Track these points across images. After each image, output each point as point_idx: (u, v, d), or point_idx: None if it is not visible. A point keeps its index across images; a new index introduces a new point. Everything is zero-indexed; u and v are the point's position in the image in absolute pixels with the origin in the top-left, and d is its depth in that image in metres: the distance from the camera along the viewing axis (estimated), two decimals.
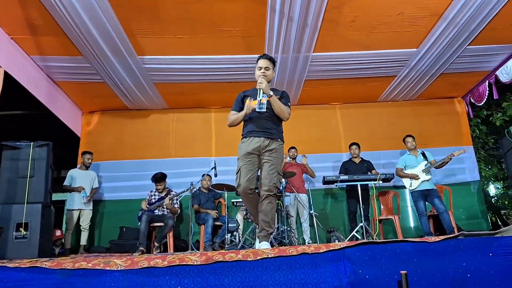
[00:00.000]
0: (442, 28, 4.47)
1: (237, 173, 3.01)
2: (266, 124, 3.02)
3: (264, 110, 2.94)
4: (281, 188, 5.53)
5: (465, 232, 2.45)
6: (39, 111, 5.79)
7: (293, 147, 6.01)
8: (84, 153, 5.85)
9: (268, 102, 2.98)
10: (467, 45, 4.90)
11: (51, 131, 5.89)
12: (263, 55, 3.10)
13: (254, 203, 3.03)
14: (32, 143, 3.96)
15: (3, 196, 3.76)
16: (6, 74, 4.22)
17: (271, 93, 2.97)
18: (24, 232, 3.62)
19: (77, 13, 3.89)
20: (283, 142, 3.15)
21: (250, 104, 3.00)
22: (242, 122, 3.18)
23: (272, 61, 3.10)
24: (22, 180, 3.84)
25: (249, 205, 3.07)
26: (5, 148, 3.91)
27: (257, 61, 3.10)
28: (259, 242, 2.92)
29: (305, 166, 5.86)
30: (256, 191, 3.06)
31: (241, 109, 3.13)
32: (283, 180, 5.31)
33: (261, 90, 2.93)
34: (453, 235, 2.39)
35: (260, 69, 3.03)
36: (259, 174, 3.11)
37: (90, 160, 5.79)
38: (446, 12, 4.20)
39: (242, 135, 3.14)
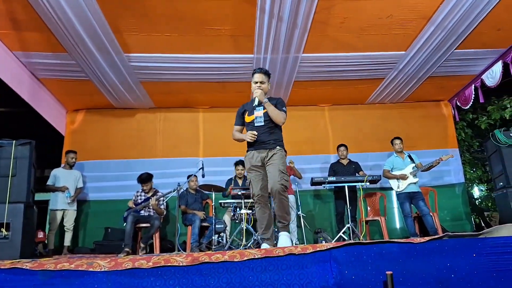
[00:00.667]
0: (430, 31, 4.53)
1: (249, 185, 3.34)
2: (264, 138, 3.26)
3: (262, 123, 3.26)
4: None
5: (450, 233, 2.48)
6: (22, 109, 5.65)
7: None
8: (68, 152, 5.74)
9: (265, 114, 3.26)
10: (454, 49, 4.97)
11: (34, 129, 5.77)
12: (258, 69, 3.37)
13: (267, 213, 3.29)
14: (14, 141, 3.85)
15: None
16: None
17: (265, 99, 3.24)
18: (6, 233, 3.52)
19: (62, 8, 3.80)
20: (283, 148, 3.36)
21: (250, 132, 3.26)
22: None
23: (267, 74, 3.38)
24: (4, 179, 3.73)
25: (262, 215, 3.29)
26: None
27: (252, 75, 3.37)
28: (279, 233, 3.29)
29: (291, 168, 5.87)
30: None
31: (242, 123, 3.46)
32: None
33: (257, 100, 3.26)
34: (438, 236, 2.41)
35: (256, 83, 3.32)
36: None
37: (74, 160, 5.68)
38: (434, 15, 4.25)
39: (247, 147, 3.41)
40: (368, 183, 4.99)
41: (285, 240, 3.19)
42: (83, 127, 6.42)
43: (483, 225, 9.71)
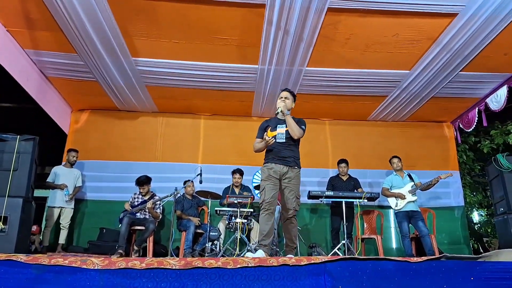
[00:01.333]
0: (436, 52, 4.56)
1: (261, 191, 3.46)
2: (285, 154, 3.46)
3: (283, 140, 3.47)
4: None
5: (448, 254, 2.46)
6: (28, 105, 5.71)
7: None
8: (69, 150, 5.78)
9: (287, 132, 3.48)
10: (459, 71, 4.99)
11: (39, 126, 5.81)
12: (286, 88, 3.73)
13: (269, 220, 3.38)
14: (18, 136, 3.89)
15: None
16: None
17: (288, 112, 3.51)
18: (3, 226, 3.53)
19: (75, 10, 3.87)
20: (300, 168, 3.57)
21: (266, 135, 3.45)
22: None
23: (293, 94, 3.71)
24: (5, 173, 3.77)
25: (266, 222, 3.36)
26: None
27: (280, 92, 3.71)
28: (285, 255, 3.42)
29: None
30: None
31: (263, 137, 3.57)
32: None
33: (279, 110, 3.51)
34: (435, 256, 2.40)
35: (281, 98, 3.62)
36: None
37: (75, 158, 5.71)
38: (440, 36, 4.28)
39: (264, 160, 3.60)
40: (366, 200, 4.97)
41: None
42: (87, 127, 6.47)
43: (481, 250, 9.61)
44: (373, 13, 3.95)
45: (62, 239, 5.37)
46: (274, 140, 3.43)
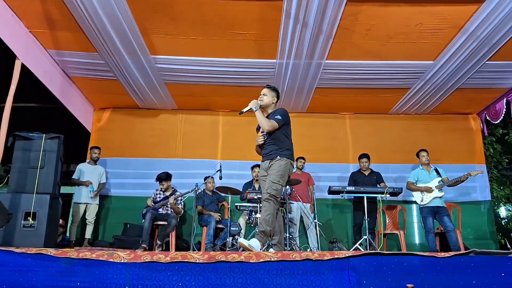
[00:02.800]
0: (462, 41, 4.39)
1: (258, 189, 3.57)
2: (267, 149, 3.51)
3: (265, 136, 3.51)
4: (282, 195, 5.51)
5: (477, 250, 2.37)
6: (52, 105, 5.86)
7: (302, 158, 5.96)
8: (92, 147, 5.95)
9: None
10: (487, 60, 4.78)
11: (63, 124, 5.95)
12: (266, 85, 3.68)
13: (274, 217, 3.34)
14: (44, 135, 4.00)
15: (14, 185, 3.81)
16: (23, 67, 4.28)
17: (256, 107, 3.45)
18: (32, 222, 3.65)
19: (94, 9, 3.94)
20: (283, 157, 3.44)
21: (257, 137, 3.58)
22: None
23: (274, 89, 3.63)
24: (33, 171, 3.88)
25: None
26: (18, 139, 3.97)
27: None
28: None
29: (310, 177, 5.85)
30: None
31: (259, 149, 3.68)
32: (287, 187, 5.30)
33: (247, 108, 3.48)
34: (464, 252, 2.32)
35: (259, 96, 3.58)
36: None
37: (97, 155, 5.85)
38: (466, 25, 4.11)
39: None
40: (388, 195, 4.88)
41: (254, 242, 3.06)
42: (109, 125, 6.61)
43: (508, 246, 9.30)
44: (394, 2, 3.84)
45: (88, 234, 5.54)
46: (264, 138, 3.49)
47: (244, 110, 3.51)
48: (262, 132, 3.51)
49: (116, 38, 4.43)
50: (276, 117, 3.42)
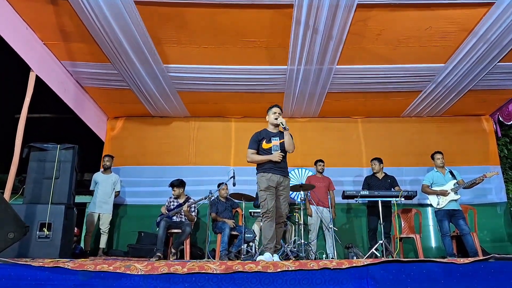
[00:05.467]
0: (472, 43, 4.37)
1: (263, 202, 3.65)
2: (281, 164, 3.73)
3: (279, 151, 3.72)
4: (298, 200, 5.50)
5: (497, 255, 2.33)
6: (67, 115, 5.95)
7: (321, 160, 5.94)
8: (104, 156, 5.99)
9: (281, 144, 3.75)
10: (498, 62, 4.76)
11: (77, 134, 6.03)
12: (275, 105, 3.89)
13: (272, 226, 3.62)
14: (58, 145, 4.06)
15: (29, 196, 3.86)
16: (38, 78, 4.37)
17: (287, 128, 3.70)
18: (47, 232, 3.68)
19: (107, 21, 4.01)
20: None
21: (273, 154, 3.72)
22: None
23: (281, 109, 3.92)
24: (48, 181, 3.93)
25: (268, 227, 3.59)
26: (33, 150, 4.03)
27: (269, 109, 3.88)
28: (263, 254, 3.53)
29: (331, 182, 5.84)
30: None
31: (257, 149, 3.84)
32: (302, 192, 5.31)
33: (283, 124, 3.69)
34: (484, 257, 2.29)
35: (275, 113, 3.82)
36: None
37: (108, 163, 5.85)
38: (476, 27, 4.10)
39: (260, 169, 3.77)
40: (403, 199, 4.82)
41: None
42: (122, 133, 6.68)
43: None
44: (404, 7, 3.84)
45: (102, 244, 5.55)
46: (282, 156, 3.69)
47: (275, 147, 3.76)
48: (273, 145, 3.75)
49: (129, 48, 4.49)
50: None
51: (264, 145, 3.80)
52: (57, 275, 2.31)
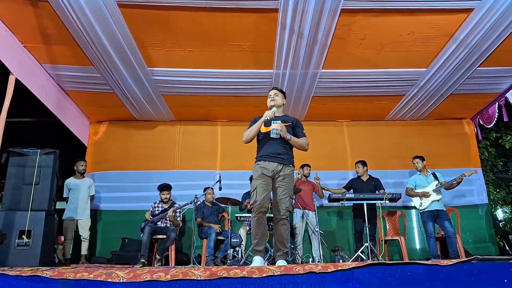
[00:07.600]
0: (453, 48, 4.47)
1: (252, 191, 3.20)
2: (279, 150, 3.24)
3: (278, 136, 3.18)
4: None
5: (479, 256, 2.37)
6: (48, 119, 5.82)
7: (307, 165, 5.96)
8: (78, 160, 5.66)
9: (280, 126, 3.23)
10: (477, 67, 4.88)
11: (59, 139, 5.90)
12: (273, 87, 3.57)
13: (263, 224, 3.18)
14: (39, 150, 3.96)
15: (8, 203, 3.76)
16: (17, 82, 4.25)
17: (289, 136, 3.24)
18: (27, 240, 3.59)
19: (90, 23, 3.93)
20: (294, 166, 3.34)
21: (267, 114, 3.30)
22: (256, 146, 3.45)
23: (282, 91, 3.54)
24: (27, 187, 3.84)
25: (258, 226, 3.16)
26: (12, 155, 3.93)
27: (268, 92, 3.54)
28: (277, 261, 3.10)
29: (316, 184, 5.83)
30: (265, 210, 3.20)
31: (255, 132, 3.36)
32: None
33: (274, 114, 3.32)
34: (466, 259, 2.32)
35: (269, 97, 3.46)
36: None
37: (83, 167, 5.61)
38: (457, 32, 4.20)
39: (256, 158, 3.35)
40: (387, 201, 4.87)
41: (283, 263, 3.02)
42: (105, 138, 6.56)
43: (507, 248, 9.33)
44: (387, 12, 3.90)
45: (84, 250, 5.37)
46: (274, 114, 3.31)
47: (275, 131, 3.17)
48: (272, 129, 3.18)
49: (112, 51, 4.42)
50: (303, 132, 3.40)
51: (263, 128, 3.33)
52: (35, 284, 2.23)
